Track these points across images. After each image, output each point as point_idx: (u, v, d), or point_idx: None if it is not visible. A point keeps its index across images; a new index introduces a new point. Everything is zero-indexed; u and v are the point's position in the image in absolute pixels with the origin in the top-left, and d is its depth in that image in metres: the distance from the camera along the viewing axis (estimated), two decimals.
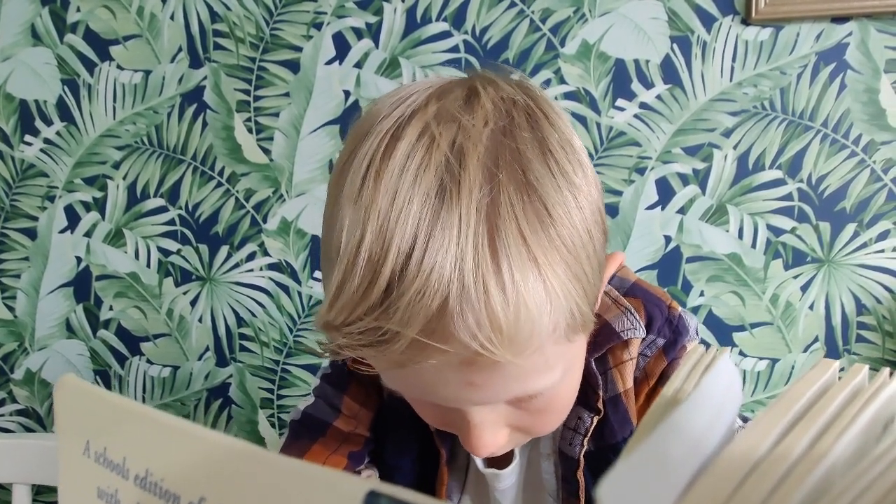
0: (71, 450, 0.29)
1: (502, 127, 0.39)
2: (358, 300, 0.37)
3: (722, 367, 0.20)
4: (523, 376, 0.40)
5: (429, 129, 0.38)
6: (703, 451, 0.19)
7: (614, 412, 0.53)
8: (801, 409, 0.20)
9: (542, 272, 0.37)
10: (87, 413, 0.29)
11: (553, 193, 0.38)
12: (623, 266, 0.58)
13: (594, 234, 0.41)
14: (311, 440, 0.59)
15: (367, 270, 0.37)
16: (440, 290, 0.35)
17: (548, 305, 0.37)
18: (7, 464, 0.83)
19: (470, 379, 0.39)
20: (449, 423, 0.47)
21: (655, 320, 0.53)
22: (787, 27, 1.08)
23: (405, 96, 0.42)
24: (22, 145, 1.31)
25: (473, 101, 0.41)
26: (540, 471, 0.57)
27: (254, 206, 1.26)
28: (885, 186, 1.09)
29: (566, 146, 0.41)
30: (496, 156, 0.38)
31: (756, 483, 0.16)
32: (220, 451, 0.23)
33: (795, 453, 0.17)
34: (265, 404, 1.31)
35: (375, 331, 0.37)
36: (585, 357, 0.52)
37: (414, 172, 0.37)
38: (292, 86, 1.23)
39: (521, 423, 0.46)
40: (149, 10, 1.25)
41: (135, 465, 0.26)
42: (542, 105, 0.43)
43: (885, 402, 0.21)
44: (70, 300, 1.34)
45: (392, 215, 0.36)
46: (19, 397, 1.39)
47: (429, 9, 1.17)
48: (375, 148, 0.39)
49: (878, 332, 1.12)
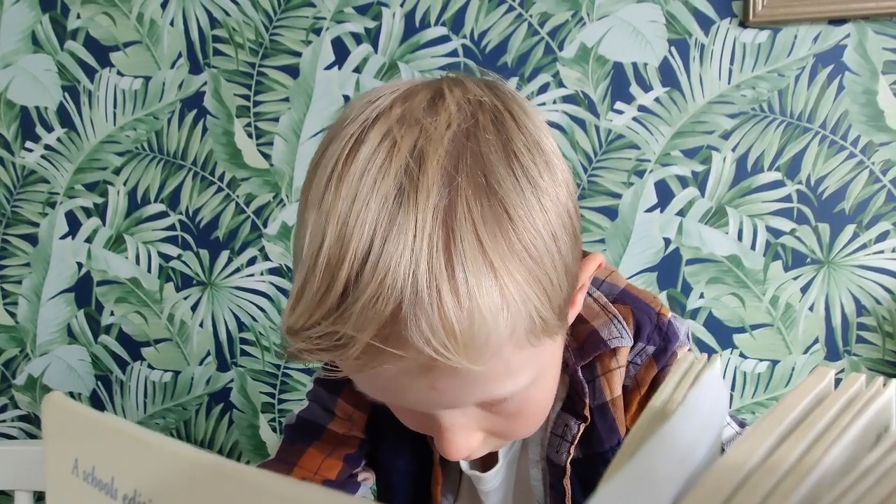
0: (59, 468, 0.29)
1: (465, 129, 0.39)
2: (316, 305, 0.37)
3: (709, 381, 0.20)
4: (485, 381, 0.40)
5: (391, 133, 0.38)
6: (690, 464, 0.19)
7: (602, 420, 0.53)
8: (795, 419, 0.20)
9: (499, 277, 0.36)
10: (75, 432, 0.29)
11: (514, 196, 0.38)
12: (614, 271, 0.57)
13: (559, 236, 0.40)
14: (307, 444, 0.59)
15: (325, 275, 0.36)
16: (394, 295, 0.35)
17: (504, 311, 0.37)
18: (9, 470, 0.83)
19: (432, 384, 0.39)
20: (424, 426, 0.47)
21: (644, 328, 0.53)
22: (784, 29, 1.08)
23: (372, 99, 0.41)
24: (23, 152, 1.32)
25: (438, 104, 0.40)
26: (528, 477, 0.57)
27: (254, 211, 1.27)
28: (883, 187, 1.09)
29: (533, 148, 0.40)
30: (457, 159, 0.37)
31: (745, 497, 0.16)
32: (208, 470, 0.23)
33: (785, 465, 0.17)
34: (266, 409, 1.31)
35: (332, 335, 0.37)
36: (572, 364, 0.52)
37: (374, 176, 0.37)
38: (292, 91, 1.23)
39: (494, 427, 0.46)
40: (148, 16, 1.25)
41: (123, 485, 0.26)
42: (509, 105, 0.42)
43: (877, 412, 0.21)
44: (71, 306, 1.34)
45: (350, 220, 0.36)
46: (21, 403, 1.39)
47: (427, 13, 1.18)
48: (340, 151, 0.39)
49: (879, 333, 1.12)
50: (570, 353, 0.52)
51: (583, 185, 1.17)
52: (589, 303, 0.53)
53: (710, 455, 0.21)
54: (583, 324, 0.53)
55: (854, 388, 0.23)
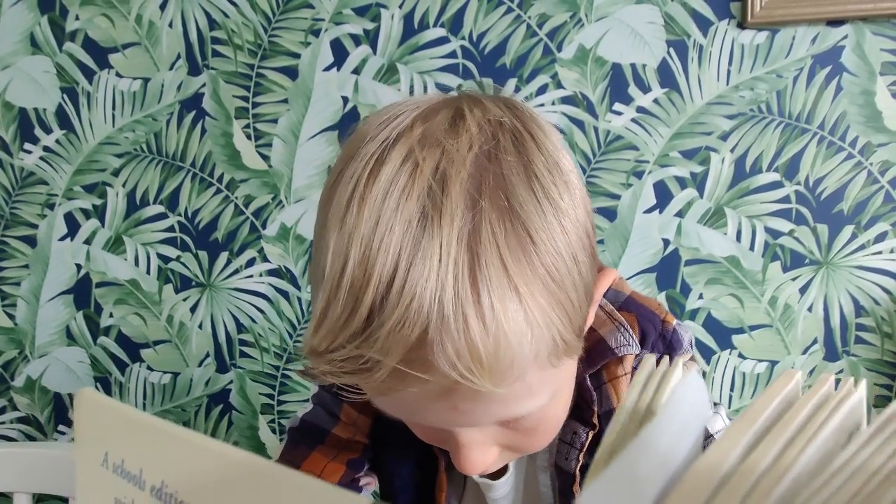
0: (89, 461, 0.30)
1: (487, 151, 0.39)
2: (340, 328, 0.37)
3: (689, 382, 0.21)
4: (507, 402, 0.40)
5: (413, 154, 0.38)
6: (671, 466, 0.19)
7: None
8: (767, 421, 0.21)
9: (524, 301, 0.36)
10: (106, 426, 0.30)
11: (537, 220, 0.38)
12: (619, 278, 0.58)
13: (580, 258, 0.40)
14: (310, 448, 0.60)
15: (349, 298, 0.37)
16: (420, 320, 0.35)
17: (529, 335, 0.37)
18: (8, 472, 0.83)
19: (453, 405, 0.39)
20: (439, 441, 0.48)
21: (649, 335, 0.53)
22: (782, 30, 1.08)
23: (392, 117, 0.42)
24: (21, 153, 1.32)
25: (458, 124, 0.40)
26: (537, 484, 0.58)
27: (253, 213, 1.27)
28: (882, 188, 1.09)
29: (553, 169, 0.40)
30: (479, 182, 0.38)
31: (725, 497, 0.17)
32: (232, 464, 0.24)
33: (762, 467, 0.17)
34: (265, 410, 1.31)
35: (357, 359, 0.37)
36: (580, 372, 0.52)
37: (397, 199, 0.37)
38: (291, 92, 1.23)
39: (510, 442, 0.46)
40: (147, 17, 1.26)
41: (151, 477, 0.27)
42: (529, 126, 0.42)
43: (849, 412, 0.21)
44: (70, 307, 1.34)
45: (374, 243, 0.36)
46: (20, 405, 1.39)
47: (426, 15, 1.18)
48: (360, 171, 0.39)
49: (877, 334, 1.12)
50: (578, 362, 0.52)
51: None
52: (596, 311, 0.54)
53: (691, 457, 0.21)
54: (590, 332, 0.53)
55: (825, 389, 0.23)
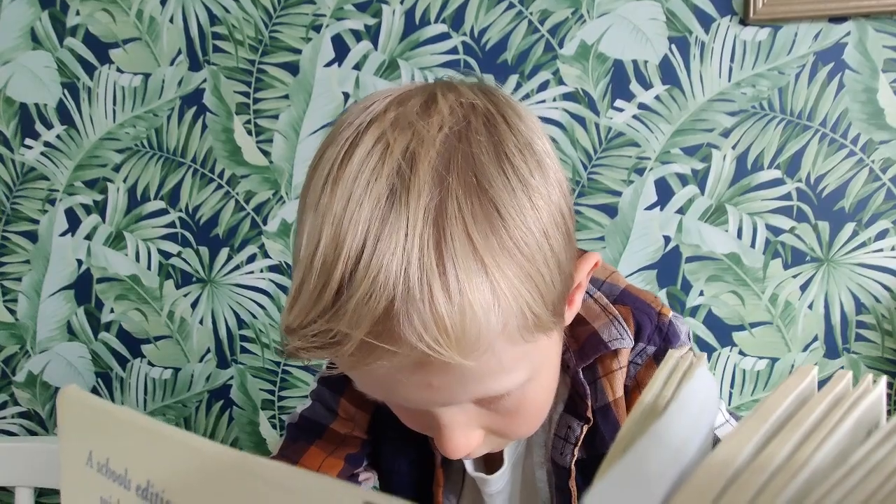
0: (74, 460, 0.29)
1: (457, 132, 0.40)
2: (311, 304, 0.38)
3: (699, 377, 0.20)
4: (480, 378, 0.40)
5: (384, 137, 0.39)
6: (682, 460, 0.19)
7: (604, 421, 0.53)
8: (782, 417, 0.20)
9: (490, 273, 0.37)
10: (90, 424, 0.29)
11: (505, 196, 0.38)
12: (614, 272, 0.57)
13: (551, 234, 0.40)
14: (308, 442, 0.60)
15: (321, 275, 0.38)
16: (386, 293, 0.36)
17: (495, 306, 0.37)
18: (9, 467, 0.83)
19: (427, 381, 0.40)
20: (423, 425, 0.47)
21: (644, 328, 0.53)
22: (784, 27, 1.08)
23: (368, 104, 0.43)
24: (22, 148, 1.32)
25: (431, 107, 0.41)
26: (534, 479, 0.58)
27: (254, 208, 1.27)
28: (883, 186, 1.09)
29: (524, 149, 0.41)
30: (448, 160, 0.38)
31: (737, 492, 0.17)
32: (219, 462, 0.24)
33: (776, 462, 0.17)
34: (266, 406, 1.31)
35: (326, 333, 0.38)
36: (573, 366, 0.52)
37: (367, 178, 0.38)
38: (291, 88, 1.23)
39: (494, 425, 0.46)
40: (148, 13, 1.25)
41: (136, 476, 0.26)
42: (502, 109, 0.43)
43: (867, 409, 0.21)
44: (71, 303, 1.34)
45: (344, 221, 0.37)
46: (21, 400, 1.39)
47: (427, 10, 1.18)
48: (335, 156, 0.40)
49: (878, 331, 1.12)
50: (571, 355, 0.52)
51: (582, 183, 1.17)
52: (589, 304, 0.53)
53: (702, 452, 0.21)
54: (583, 325, 0.53)
55: (841, 386, 0.23)
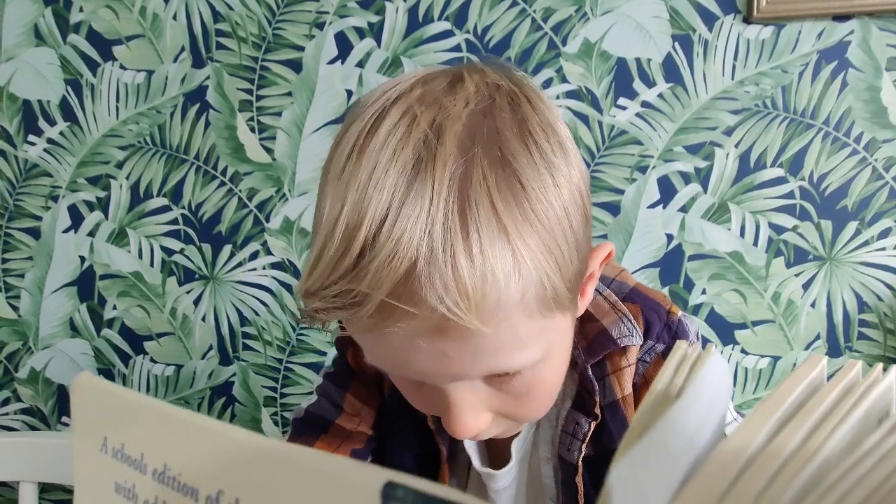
0: (88, 447, 0.29)
1: (483, 108, 0.41)
2: (333, 266, 0.38)
3: (713, 363, 0.21)
4: (495, 350, 0.40)
5: (411, 110, 0.40)
6: (697, 445, 0.19)
7: (612, 418, 0.53)
8: (793, 405, 0.21)
9: (512, 241, 0.37)
10: (105, 410, 0.29)
11: (528, 170, 0.39)
12: (623, 270, 0.57)
13: (571, 212, 0.41)
14: (314, 437, 0.60)
15: (343, 238, 0.38)
16: (409, 255, 0.36)
17: (516, 274, 0.38)
18: (14, 462, 0.83)
19: (442, 349, 0.40)
20: (433, 404, 0.47)
21: (654, 326, 0.53)
22: (788, 25, 1.08)
23: (393, 84, 0.43)
24: (25, 145, 1.32)
25: (457, 86, 0.42)
26: (540, 475, 0.58)
27: (256, 206, 1.27)
28: (886, 184, 1.09)
29: (547, 129, 0.42)
30: (474, 133, 0.39)
31: (751, 478, 0.17)
32: (237, 445, 0.24)
33: (789, 449, 0.18)
34: (268, 402, 1.32)
35: (347, 293, 0.38)
36: (582, 362, 0.52)
37: (393, 148, 0.38)
38: (295, 85, 1.23)
39: (503, 407, 0.46)
40: (151, 9, 1.25)
41: (152, 460, 0.26)
42: (526, 91, 0.44)
43: (878, 397, 0.21)
44: (74, 299, 1.34)
45: (370, 187, 0.38)
46: (24, 396, 1.39)
47: (431, 8, 1.18)
48: (361, 129, 0.40)
49: (880, 330, 1.12)
50: (580, 351, 0.52)
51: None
52: (598, 301, 0.53)
53: (715, 439, 0.21)
54: (592, 322, 0.53)
55: (851, 375, 0.23)
